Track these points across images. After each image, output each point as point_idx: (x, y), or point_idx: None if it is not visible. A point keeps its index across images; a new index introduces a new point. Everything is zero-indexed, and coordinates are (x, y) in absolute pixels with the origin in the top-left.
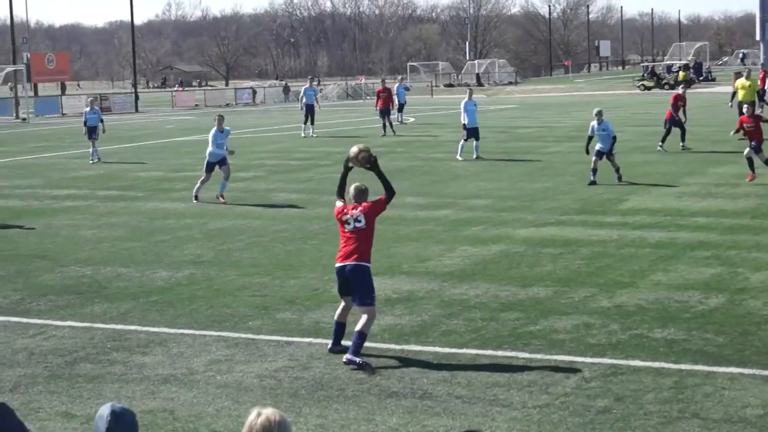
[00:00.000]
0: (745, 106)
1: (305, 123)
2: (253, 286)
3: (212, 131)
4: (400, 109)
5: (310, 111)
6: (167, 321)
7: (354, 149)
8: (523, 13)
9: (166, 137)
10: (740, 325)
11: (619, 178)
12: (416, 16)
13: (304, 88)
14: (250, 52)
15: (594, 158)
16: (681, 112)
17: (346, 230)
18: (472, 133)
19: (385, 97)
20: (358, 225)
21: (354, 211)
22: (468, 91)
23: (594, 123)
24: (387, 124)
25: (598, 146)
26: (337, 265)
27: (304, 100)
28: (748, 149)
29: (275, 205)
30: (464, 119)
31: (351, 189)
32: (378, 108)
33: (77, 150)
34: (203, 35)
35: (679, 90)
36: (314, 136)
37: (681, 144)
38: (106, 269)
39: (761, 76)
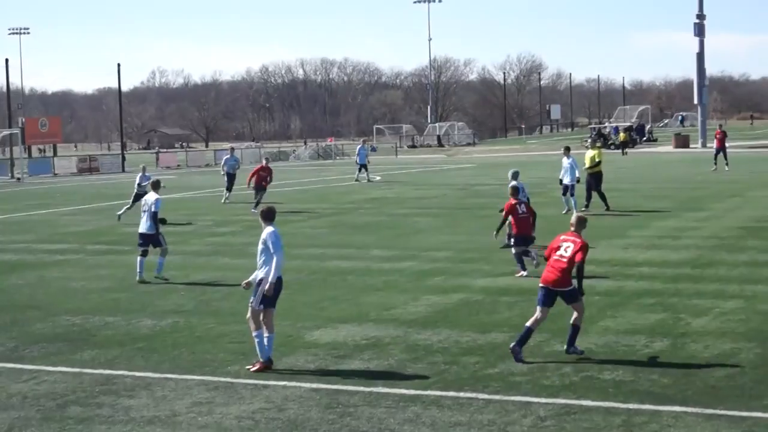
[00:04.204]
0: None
1: (228, 190)
2: (232, 334)
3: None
4: (363, 169)
5: (230, 179)
6: (152, 366)
7: None
8: (480, 80)
9: None
10: (683, 366)
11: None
12: (381, 83)
13: (225, 157)
14: (228, 116)
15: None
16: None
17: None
18: (568, 188)
19: (262, 176)
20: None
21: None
22: (564, 148)
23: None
24: (258, 200)
25: None
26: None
27: (225, 169)
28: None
29: (252, 258)
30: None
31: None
32: (252, 185)
33: (68, 207)
34: (185, 101)
35: None
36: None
37: None
38: (95, 318)
39: (718, 135)
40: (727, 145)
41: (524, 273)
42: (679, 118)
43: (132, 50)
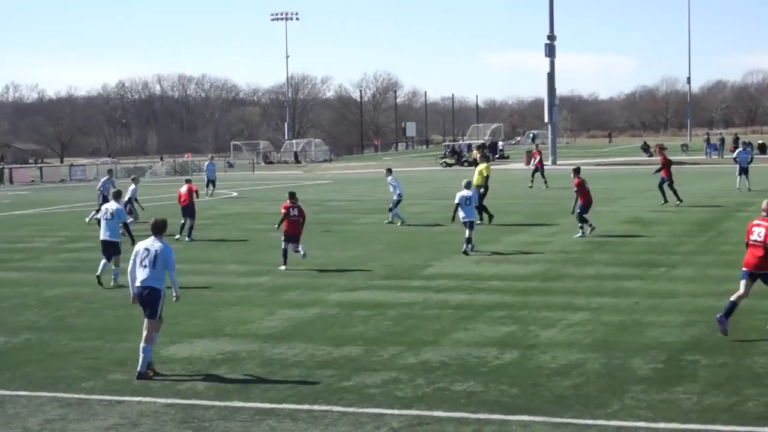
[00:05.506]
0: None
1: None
2: (86, 350)
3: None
4: (208, 184)
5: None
6: (3, 383)
7: None
8: (337, 97)
9: (2, 211)
10: (531, 377)
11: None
12: (239, 99)
13: (102, 180)
14: (84, 132)
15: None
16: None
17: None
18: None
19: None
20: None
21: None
22: (387, 170)
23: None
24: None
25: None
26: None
27: (101, 191)
28: None
29: (106, 273)
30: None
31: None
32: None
33: None
34: (39, 116)
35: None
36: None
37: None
38: None
39: (535, 155)
40: (546, 163)
41: (283, 267)
42: (531, 135)
43: None
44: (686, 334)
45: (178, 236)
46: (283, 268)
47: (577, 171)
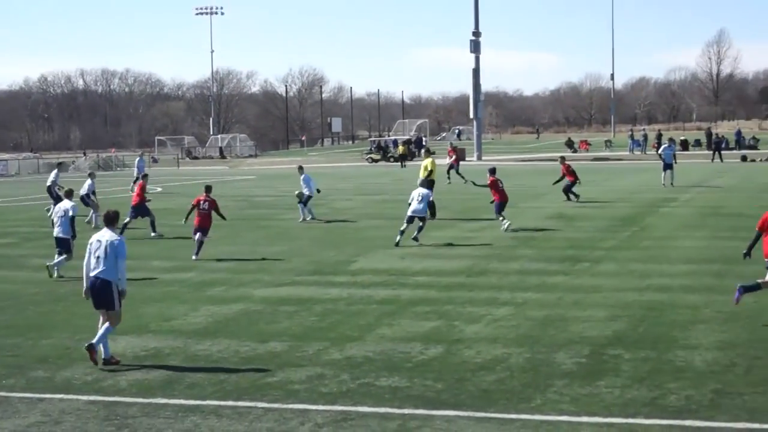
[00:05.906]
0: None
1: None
2: (7, 347)
3: None
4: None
5: (50, 193)
6: None
7: None
8: (262, 92)
9: None
10: (456, 372)
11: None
12: (164, 94)
13: (53, 172)
14: (6, 126)
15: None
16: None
17: None
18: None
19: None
20: None
21: None
22: (298, 167)
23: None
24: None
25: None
26: None
27: (53, 183)
28: None
29: (31, 270)
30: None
31: None
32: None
33: None
34: None
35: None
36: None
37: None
38: None
39: (450, 153)
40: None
41: (194, 257)
42: (456, 131)
43: None
44: (609, 328)
45: (153, 233)
46: (194, 257)
47: (492, 171)
